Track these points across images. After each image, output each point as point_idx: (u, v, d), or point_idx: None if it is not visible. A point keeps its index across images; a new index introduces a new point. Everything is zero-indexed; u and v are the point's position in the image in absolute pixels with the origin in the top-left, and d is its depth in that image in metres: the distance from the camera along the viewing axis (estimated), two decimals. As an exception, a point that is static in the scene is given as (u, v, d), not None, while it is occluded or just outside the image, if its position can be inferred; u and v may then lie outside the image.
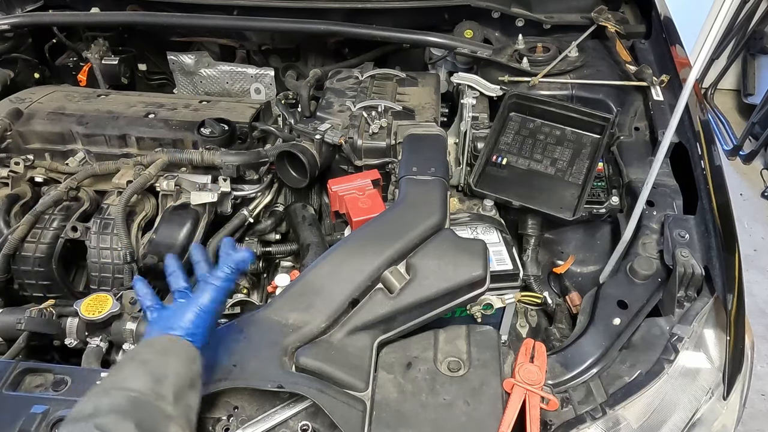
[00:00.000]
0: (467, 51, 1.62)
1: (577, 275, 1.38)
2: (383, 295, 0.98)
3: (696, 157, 1.32)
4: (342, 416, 0.85)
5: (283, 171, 1.41)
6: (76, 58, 1.89)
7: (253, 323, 0.96)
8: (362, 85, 1.54)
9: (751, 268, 2.86)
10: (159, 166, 1.32)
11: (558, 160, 1.40)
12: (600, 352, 1.03)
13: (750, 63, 3.77)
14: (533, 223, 1.39)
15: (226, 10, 1.74)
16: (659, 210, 1.26)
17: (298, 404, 0.89)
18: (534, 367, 0.96)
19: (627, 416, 0.95)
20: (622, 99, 1.53)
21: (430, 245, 1.03)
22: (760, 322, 2.62)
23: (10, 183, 1.36)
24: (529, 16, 1.73)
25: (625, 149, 1.43)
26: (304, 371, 0.90)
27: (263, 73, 1.84)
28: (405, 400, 0.90)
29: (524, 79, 1.53)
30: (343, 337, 0.95)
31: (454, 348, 0.99)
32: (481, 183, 1.33)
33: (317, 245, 1.38)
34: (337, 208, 1.24)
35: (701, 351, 1.03)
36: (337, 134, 1.36)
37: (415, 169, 1.19)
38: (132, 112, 1.49)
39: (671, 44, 1.63)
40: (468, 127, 1.37)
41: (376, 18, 1.72)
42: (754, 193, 3.38)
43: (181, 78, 1.90)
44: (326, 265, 1.00)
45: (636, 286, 1.13)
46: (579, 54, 1.60)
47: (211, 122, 1.40)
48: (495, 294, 1.09)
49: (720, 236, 1.14)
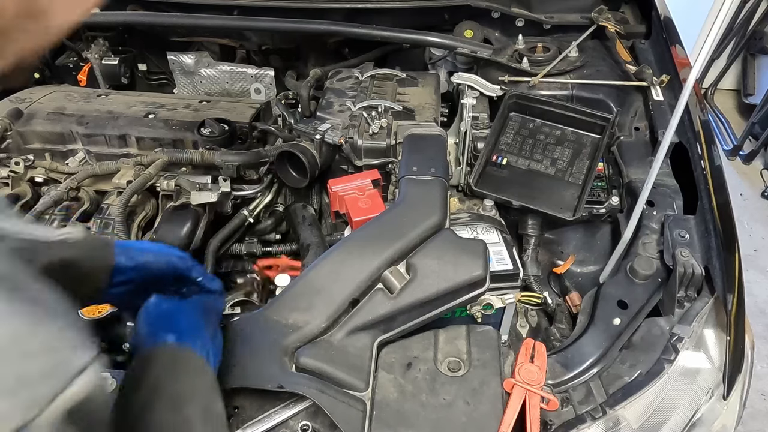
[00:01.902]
0: (467, 51, 1.62)
1: (577, 275, 1.38)
2: (383, 295, 0.98)
3: (696, 157, 1.32)
4: (342, 416, 0.85)
5: (283, 171, 1.41)
6: (76, 58, 1.89)
7: (253, 323, 0.96)
8: (362, 85, 1.54)
9: (751, 268, 2.86)
10: (159, 166, 1.32)
11: (558, 160, 1.40)
12: (600, 352, 1.03)
13: (750, 63, 3.77)
14: (533, 223, 1.39)
15: (226, 10, 1.74)
16: (659, 210, 1.26)
17: (299, 404, 0.90)
18: (534, 367, 0.97)
19: (627, 416, 0.95)
20: (622, 99, 1.53)
21: (430, 245, 1.03)
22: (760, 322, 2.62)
23: (10, 183, 1.36)
24: (529, 16, 1.73)
25: (625, 149, 1.43)
26: (305, 371, 0.90)
27: (263, 73, 1.84)
28: (405, 400, 0.90)
29: (524, 79, 1.53)
30: (344, 337, 0.95)
31: (454, 348, 0.99)
32: (481, 183, 1.33)
33: (317, 245, 1.38)
34: (337, 208, 1.24)
35: (701, 351, 1.03)
36: (337, 134, 1.36)
37: (415, 169, 1.19)
38: (132, 112, 1.49)
39: (671, 44, 1.63)
40: (468, 127, 1.36)
41: (376, 18, 1.72)
42: (754, 193, 3.38)
43: (181, 78, 1.90)
44: (326, 265, 1.00)
45: (636, 286, 1.13)
46: (579, 54, 1.60)
47: (211, 122, 1.40)
48: (495, 294, 1.09)
49: (720, 236, 1.14)
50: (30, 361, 0.33)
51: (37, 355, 0.33)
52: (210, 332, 0.82)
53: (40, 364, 0.33)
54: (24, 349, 0.33)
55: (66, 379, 0.34)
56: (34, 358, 0.33)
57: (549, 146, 1.43)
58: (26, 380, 0.32)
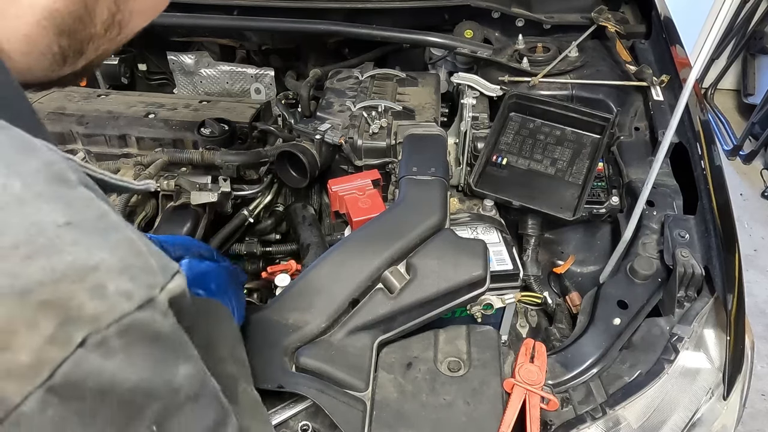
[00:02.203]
0: (467, 51, 1.62)
1: (577, 275, 1.38)
2: (383, 295, 0.98)
3: (696, 157, 1.32)
4: (342, 416, 0.85)
5: (283, 171, 1.41)
6: (76, 58, 1.89)
7: (253, 323, 0.96)
8: (362, 85, 1.54)
9: (751, 268, 2.86)
10: (159, 166, 1.32)
11: (558, 160, 1.40)
12: (600, 352, 1.03)
13: (750, 63, 3.77)
14: (533, 223, 1.39)
15: (226, 10, 1.74)
16: (659, 210, 1.26)
17: (299, 404, 0.90)
18: (534, 367, 0.97)
19: (627, 416, 0.95)
20: (622, 99, 1.53)
21: (430, 245, 1.03)
22: (760, 322, 2.62)
23: (10, 183, 1.36)
24: (529, 16, 1.73)
25: (625, 149, 1.43)
26: (305, 371, 0.90)
27: (263, 73, 1.84)
28: (405, 400, 0.90)
29: (524, 79, 1.53)
30: (344, 337, 0.95)
31: (454, 348, 0.99)
32: (481, 183, 1.33)
33: (317, 245, 1.38)
34: (337, 208, 1.24)
35: (701, 351, 1.03)
36: (337, 134, 1.36)
37: (415, 169, 1.19)
38: (132, 112, 1.49)
39: (671, 44, 1.63)
40: (468, 127, 1.36)
41: (376, 18, 1.72)
42: (754, 193, 3.38)
43: (181, 78, 1.90)
44: (326, 265, 1.00)
45: (636, 286, 1.13)
46: (579, 54, 1.60)
47: (211, 122, 1.40)
48: (495, 294, 1.09)
49: (720, 236, 1.14)
50: (145, 256, 0.39)
51: (149, 254, 0.40)
52: (235, 292, 0.91)
53: (153, 260, 0.40)
54: (139, 248, 0.39)
55: (169, 274, 0.40)
56: (149, 255, 0.40)
57: (549, 146, 1.43)
58: (147, 269, 0.39)
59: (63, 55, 0.50)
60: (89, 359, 0.34)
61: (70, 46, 0.49)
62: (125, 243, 0.39)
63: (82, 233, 0.37)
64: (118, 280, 0.36)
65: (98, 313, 0.35)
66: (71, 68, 0.52)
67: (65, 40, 0.49)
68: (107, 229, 0.39)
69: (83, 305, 0.34)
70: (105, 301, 0.35)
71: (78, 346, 0.34)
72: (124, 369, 0.36)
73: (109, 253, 0.37)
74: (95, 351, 0.34)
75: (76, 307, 0.34)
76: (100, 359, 0.34)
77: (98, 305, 0.35)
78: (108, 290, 0.36)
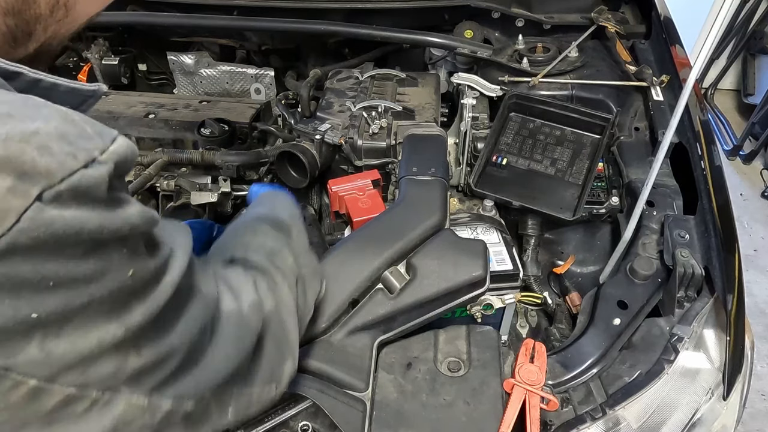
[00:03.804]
0: (467, 51, 1.62)
1: (577, 275, 1.38)
2: (383, 295, 0.98)
3: (696, 157, 1.32)
4: (342, 416, 0.85)
5: (283, 171, 1.41)
6: (76, 58, 1.89)
7: (253, 323, 0.96)
8: (362, 85, 1.54)
9: (751, 268, 2.86)
10: (159, 166, 1.32)
11: (558, 161, 1.40)
12: (600, 352, 1.03)
13: (750, 63, 3.76)
14: (533, 224, 1.39)
15: (226, 10, 1.74)
16: (659, 210, 1.25)
17: (298, 404, 0.89)
18: (534, 367, 0.97)
19: (627, 416, 0.95)
20: (622, 99, 1.53)
21: (430, 245, 1.03)
22: (760, 322, 2.62)
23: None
24: (529, 16, 1.72)
25: (625, 149, 1.43)
26: (305, 371, 0.90)
27: (263, 73, 1.84)
28: (405, 401, 0.90)
29: (524, 79, 1.53)
30: (343, 337, 0.95)
31: (454, 348, 0.99)
32: (481, 183, 1.34)
33: (317, 245, 1.38)
34: (337, 208, 1.24)
35: (701, 351, 1.03)
36: (337, 134, 1.36)
37: (415, 170, 1.19)
38: (132, 112, 1.49)
39: (671, 44, 1.63)
40: (468, 127, 1.36)
41: (376, 18, 1.72)
42: (754, 193, 3.38)
43: (181, 78, 1.90)
44: (326, 266, 1.00)
45: (636, 286, 1.13)
46: (579, 54, 1.60)
47: (211, 122, 1.40)
48: (495, 294, 1.09)
49: (720, 236, 1.14)
50: (80, 124, 0.42)
51: (83, 122, 0.42)
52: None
53: (87, 126, 0.42)
54: (71, 117, 0.42)
55: (108, 139, 0.43)
56: (83, 123, 0.42)
57: (549, 146, 1.43)
58: (83, 135, 0.41)
59: (12, 35, 0.52)
60: (48, 210, 0.37)
61: (17, 25, 0.51)
62: (57, 114, 0.41)
63: (13, 108, 0.40)
64: (59, 142, 0.39)
65: (50, 169, 0.38)
66: (24, 50, 0.54)
67: (11, 19, 0.50)
68: (37, 105, 0.42)
69: (35, 161, 0.37)
70: (53, 158, 0.38)
71: (36, 198, 0.37)
72: (82, 215, 0.39)
73: (44, 123, 0.40)
74: (52, 203, 0.38)
75: (30, 162, 0.37)
76: (58, 210, 0.38)
77: (49, 161, 0.38)
78: (53, 149, 0.38)
